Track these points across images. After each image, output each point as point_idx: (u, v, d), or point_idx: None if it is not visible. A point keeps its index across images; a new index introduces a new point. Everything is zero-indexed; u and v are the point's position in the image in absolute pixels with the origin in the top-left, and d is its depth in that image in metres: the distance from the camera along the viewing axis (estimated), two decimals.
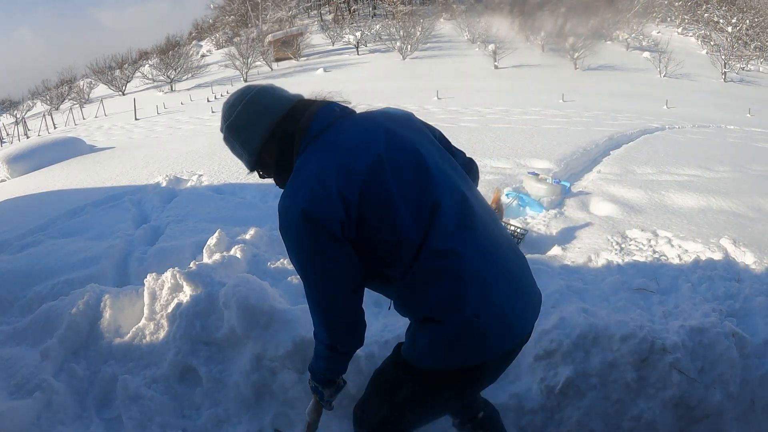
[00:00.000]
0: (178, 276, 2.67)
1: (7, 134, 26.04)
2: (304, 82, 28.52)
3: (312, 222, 1.19)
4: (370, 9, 53.53)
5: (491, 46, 32.15)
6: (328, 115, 1.30)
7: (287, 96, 1.39)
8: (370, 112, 1.39)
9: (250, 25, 53.22)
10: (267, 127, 1.32)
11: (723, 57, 30.99)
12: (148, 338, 2.60)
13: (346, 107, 1.37)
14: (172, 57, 38.59)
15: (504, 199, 4.43)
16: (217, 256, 3.12)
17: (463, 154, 1.61)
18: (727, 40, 36.15)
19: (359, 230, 1.23)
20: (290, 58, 39.38)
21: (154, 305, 2.69)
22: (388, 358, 1.53)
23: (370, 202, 1.20)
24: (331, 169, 1.20)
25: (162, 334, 2.58)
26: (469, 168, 1.58)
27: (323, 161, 1.22)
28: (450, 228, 1.25)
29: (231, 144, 1.40)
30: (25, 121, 28.61)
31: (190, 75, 37.58)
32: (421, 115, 1.60)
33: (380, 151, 1.23)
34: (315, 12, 55.93)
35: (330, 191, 1.18)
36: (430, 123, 1.63)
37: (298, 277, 3.04)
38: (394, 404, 1.45)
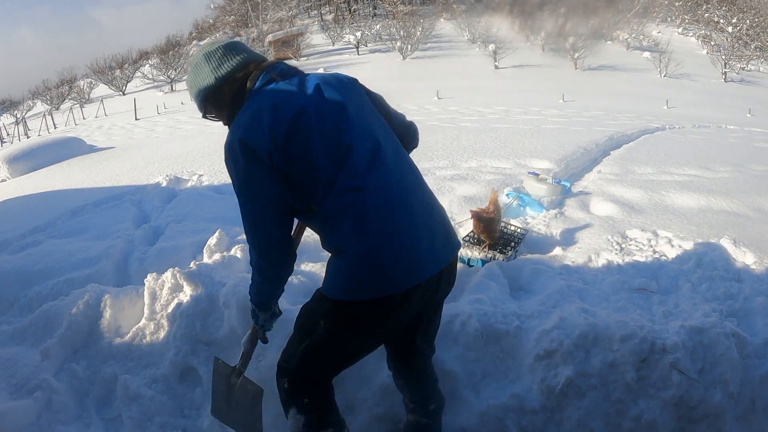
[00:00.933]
0: (178, 276, 2.67)
1: (7, 134, 26.05)
2: None
3: (247, 149, 1.42)
4: (371, 9, 53.52)
5: (491, 46, 32.14)
6: (273, 71, 1.54)
7: (251, 52, 1.63)
8: (312, 74, 1.60)
9: (250, 25, 53.19)
10: (235, 66, 1.55)
11: (723, 57, 30.97)
12: (148, 338, 2.60)
13: (292, 68, 1.59)
14: (172, 57, 38.58)
15: (504, 199, 4.43)
16: (217, 256, 3.12)
17: (403, 117, 1.86)
18: (727, 40, 36.14)
19: (286, 163, 1.43)
20: (290, 58, 39.38)
21: (154, 305, 2.69)
22: (309, 300, 1.67)
23: (295, 139, 1.43)
24: (266, 109, 1.44)
25: (162, 334, 2.58)
26: (406, 130, 1.86)
27: (261, 103, 1.46)
28: (360, 168, 1.45)
29: (198, 69, 1.58)
30: (25, 121, 28.61)
31: None
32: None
33: (308, 100, 1.47)
34: (315, 12, 55.93)
35: (262, 125, 1.42)
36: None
37: (298, 277, 3.06)
38: (311, 343, 1.57)
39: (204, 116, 1.65)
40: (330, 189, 1.44)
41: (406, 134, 1.86)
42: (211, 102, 1.59)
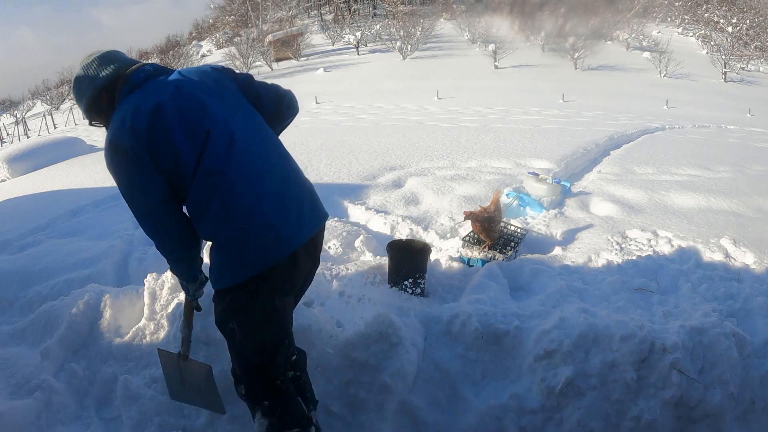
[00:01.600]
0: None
1: (7, 134, 26.03)
2: (305, 81, 28.51)
3: (117, 150, 1.55)
4: (370, 9, 53.48)
5: (491, 46, 32.09)
6: (139, 75, 1.64)
7: (123, 60, 1.73)
8: (178, 70, 1.71)
9: (250, 25, 53.16)
10: (108, 75, 1.66)
11: (723, 57, 30.93)
12: (148, 338, 2.60)
13: (159, 68, 1.68)
14: (172, 57, 38.58)
15: (504, 199, 4.43)
16: None
17: (277, 88, 1.91)
18: (727, 40, 36.11)
19: (152, 157, 1.54)
20: (290, 58, 39.34)
21: (154, 305, 2.69)
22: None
23: (156, 134, 1.53)
24: (129, 112, 1.56)
25: (162, 334, 2.58)
26: (281, 99, 1.90)
27: (126, 107, 1.58)
28: (220, 152, 1.55)
29: (79, 81, 1.69)
30: (25, 121, 28.58)
31: None
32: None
33: (167, 96, 1.58)
34: (315, 12, 55.89)
35: (125, 126, 1.54)
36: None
37: None
38: (236, 343, 1.68)
39: (90, 124, 1.77)
40: (194, 175, 1.55)
41: (281, 104, 1.92)
42: (94, 110, 1.70)
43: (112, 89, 1.65)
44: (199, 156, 1.55)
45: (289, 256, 1.60)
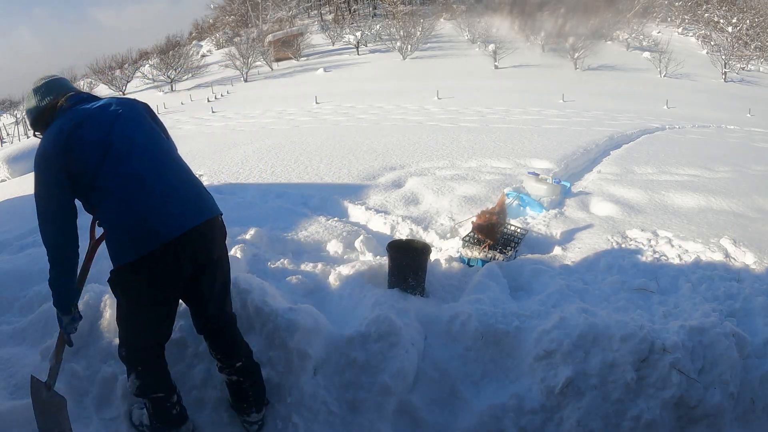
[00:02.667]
0: None
1: (7, 134, 26.03)
2: (305, 82, 28.51)
3: (41, 160, 1.90)
4: (370, 9, 53.44)
5: (491, 46, 32.06)
6: (71, 101, 2.00)
7: (64, 86, 2.08)
8: (102, 99, 2.05)
9: (250, 25, 53.13)
10: (52, 98, 2.02)
11: (723, 57, 30.90)
12: None
13: (88, 97, 2.05)
14: (172, 57, 38.49)
15: (504, 199, 4.43)
16: None
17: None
18: (727, 40, 36.08)
19: (68, 163, 1.85)
20: (290, 58, 39.31)
21: None
22: None
23: (73, 145, 1.86)
24: (56, 128, 1.91)
25: None
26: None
27: (54, 125, 1.94)
28: (120, 158, 1.88)
29: (29, 99, 2.07)
30: (25, 121, 28.58)
31: (190, 75, 37.46)
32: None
33: (86, 118, 1.93)
34: (315, 12, 55.85)
35: (51, 138, 1.90)
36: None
37: (298, 276, 3.07)
38: (122, 314, 1.99)
39: (34, 134, 2.10)
40: (98, 175, 1.86)
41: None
42: (40, 123, 2.04)
43: (52, 111, 2.02)
44: (103, 162, 1.87)
45: (167, 245, 1.83)
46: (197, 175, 2.13)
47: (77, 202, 1.98)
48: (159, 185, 1.90)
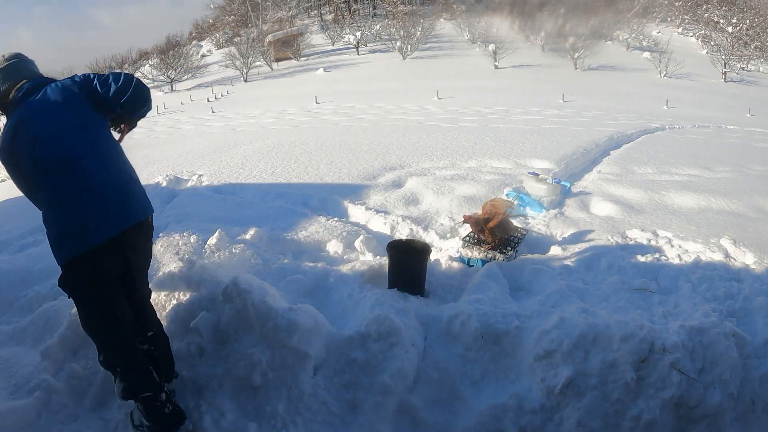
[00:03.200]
0: (177, 276, 2.67)
1: None
2: (305, 81, 28.51)
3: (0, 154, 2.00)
4: (370, 9, 53.45)
5: (491, 46, 32.08)
6: (17, 95, 2.02)
7: (20, 72, 2.09)
8: (45, 89, 2.04)
9: (250, 25, 53.14)
10: (7, 86, 2.05)
11: (723, 57, 30.92)
12: None
13: (35, 86, 2.04)
14: (172, 57, 38.50)
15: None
16: (217, 256, 3.12)
17: (117, 79, 2.12)
18: (727, 40, 36.10)
19: (12, 157, 1.97)
20: (290, 58, 39.32)
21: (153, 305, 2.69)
22: None
23: (17, 142, 1.94)
24: (4, 133, 1.97)
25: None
26: (128, 86, 2.11)
27: (5, 127, 1.99)
28: (58, 155, 1.94)
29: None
30: None
31: (190, 75, 37.50)
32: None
33: (29, 113, 1.99)
34: (315, 12, 55.85)
35: (2, 142, 1.98)
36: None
37: (298, 277, 3.06)
38: (86, 322, 2.08)
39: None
40: (39, 174, 1.94)
41: (127, 92, 2.13)
42: (2, 108, 2.07)
43: (6, 101, 2.06)
44: (44, 158, 1.94)
45: (104, 243, 1.96)
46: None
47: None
48: (91, 196, 1.97)
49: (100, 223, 1.97)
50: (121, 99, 2.09)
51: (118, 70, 2.36)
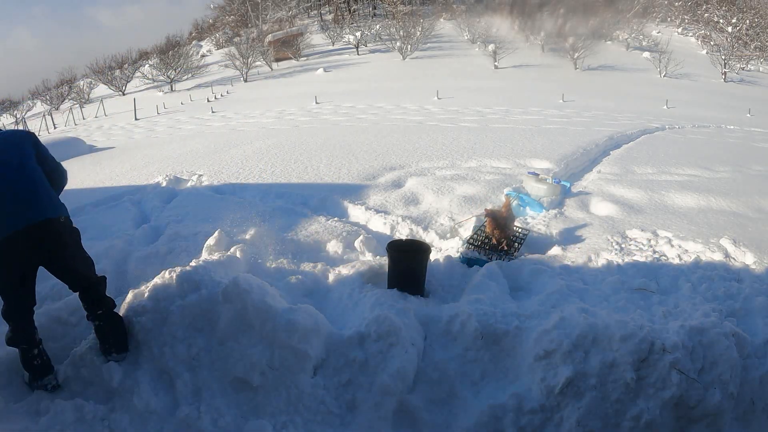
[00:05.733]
0: (177, 276, 2.67)
1: None
2: (304, 82, 28.51)
3: None
4: (370, 9, 53.46)
5: (491, 46, 32.07)
6: None
7: None
8: None
9: (250, 25, 53.13)
10: None
11: (723, 57, 30.93)
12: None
13: None
14: (172, 57, 38.49)
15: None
16: (216, 256, 3.12)
17: (57, 166, 2.75)
18: (727, 40, 36.10)
19: None
20: (290, 58, 39.32)
21: (153, 305, 2.69)
22: None
23: None
24: None
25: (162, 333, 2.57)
26: (54, 173, 2.69)
27: None
28: None
29: None
30: (25, 121, 28.60)
31: (190, 75, 37.48)
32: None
33: None
34: (315, 12, 55.84)
35: None
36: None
37: (298, 277, 3.07)
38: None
39: None
40: None
41: (53, 174, 2.68)
42: None
43: None
44: None
45: (7, 237, 2.30)
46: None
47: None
48: (8, 197, 2.36)
49: (10, 218, 2.34)
50: (51, 176, 2.61)
51: (63, 169, 2.83)
